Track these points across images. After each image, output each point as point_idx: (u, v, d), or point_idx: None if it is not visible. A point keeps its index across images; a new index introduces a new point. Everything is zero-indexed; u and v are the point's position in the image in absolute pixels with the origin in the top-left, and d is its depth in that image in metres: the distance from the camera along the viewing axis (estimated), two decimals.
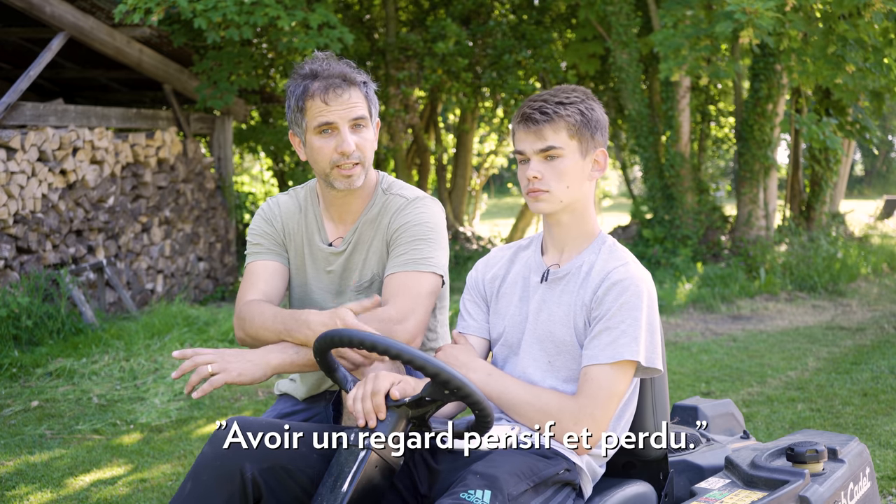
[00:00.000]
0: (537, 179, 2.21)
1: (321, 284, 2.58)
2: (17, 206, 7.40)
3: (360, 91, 2.44)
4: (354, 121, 2.42)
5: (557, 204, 2.24)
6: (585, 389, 2.15)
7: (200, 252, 10.15)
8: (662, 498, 2.38)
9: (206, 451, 2.05)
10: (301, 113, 2.43)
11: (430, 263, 2.44)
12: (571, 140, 2.23)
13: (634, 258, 2.28)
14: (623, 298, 2.17)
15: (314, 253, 2.57)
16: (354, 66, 2.48)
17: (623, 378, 2.16)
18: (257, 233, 2.60)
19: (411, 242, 2.45)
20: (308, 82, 2.42)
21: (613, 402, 2.16)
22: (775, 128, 10.78)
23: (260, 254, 2.58)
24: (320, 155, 2.43)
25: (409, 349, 1.99)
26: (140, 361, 6.39)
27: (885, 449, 4.36)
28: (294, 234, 2.59)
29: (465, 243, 14.20)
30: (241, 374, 2.25)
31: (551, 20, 13.50)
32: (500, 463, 2.02)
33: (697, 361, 6.56)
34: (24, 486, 4.20)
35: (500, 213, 27.09)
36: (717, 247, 10.99)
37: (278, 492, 2.05)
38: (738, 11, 7.86)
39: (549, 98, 2.24)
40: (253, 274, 2.55)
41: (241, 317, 2.44)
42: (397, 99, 12.18)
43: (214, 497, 2.00)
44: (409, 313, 2.36)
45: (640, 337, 2.15)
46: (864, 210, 20.29)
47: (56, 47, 8.21)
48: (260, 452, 2.04)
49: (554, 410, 2.15)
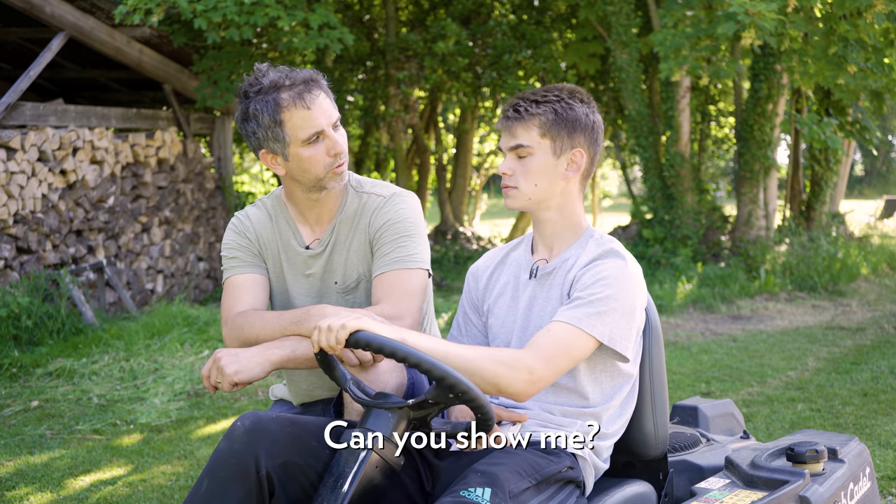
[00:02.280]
0: (508, 175, 2.26)
1: (301, 290, 2.55)
2: (17, 206, 7.40)
3: (326, 92, 2.42)
4: (335, 123, 2.42)
5: (525, 201, 2.26)
6: (543, 340, 2.11)
7: (200, 252, 10.15)
8: (662, 498, 2.38)
9: (223, 448, 2.02)
10: (280, 127, 2.35)
11: (417, 259, 2.44)
12: (543, 139, 2.23)
13: (622, 247, 2.28)
14: (600, 276, 2.16)
15: (291, 258, 2.54)
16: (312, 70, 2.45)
17: (579, 344, 2.11)
18: (232, 247, 2.54)
19: (396, 240, 2.44)
20: (275, 95, 2.34)
21: (560, 360, 2.10)
22: (775, 128, 10.78)
23: (238, 267, 2.52)
24: (312, 164, 2.39)
25: (416, 352, 1.96)
26: (140, 361, 6.39)
27: (885, 449, 4.35)
28: (269, 243, 2.55)
29: (465, 243, 14.20)
30: (237, 372, 2.21)
31: (551, 20, 13.51)
32: (501, 461, 2.02)
33: (697, 361, 6.56)
34: (24, 486, 4.20)
35: (500, 213, 27.09)
36: (717, 247, 10.99)
37: (289, 488, 2.04)
38: (740, 13, 7.85)
39: (528, 96, 2.25)
40: (235, 288, 2.49)
41: (237, 326, 2.38)
42: (397, 99, 12.18)
43: (232, 495, 1.98)
44: (405, 312, 2.36)
45: (606, 315, 2.13)
46: (864, 210, 20.30)
47: (56, 47, 8.21)
48: (276, 449, 2.02)
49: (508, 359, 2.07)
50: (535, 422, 2.21)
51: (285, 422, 2.09)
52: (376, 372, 2.22)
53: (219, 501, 1.99)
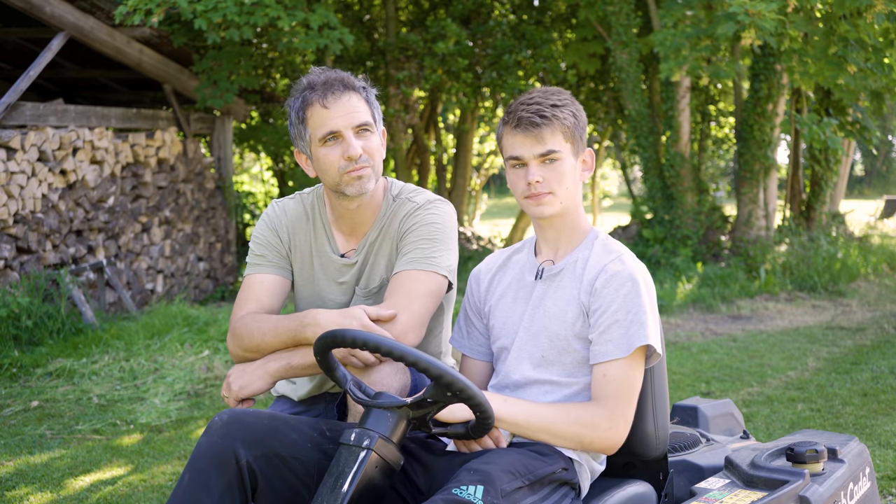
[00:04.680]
0: (539, 183, 2.21)
1: (334, 294, 2.53)
2: (17, 206, 7.40)
3: (360, 95, 2.38)
4: (359, 127, 2.36)
5: (559, 206, 2.25)
6: (609, 389, 2.15)
7: (200, 252, 10.15)
8: (662, 498, 2.38)
9: (202, 442, 2.06)
10: (303, 124, 2.38)
11: (434, 263, 2.39)
12: (566, 143, 2.24)
13: (627, 250, 2.30)
14: (624, 290, 2.18)
15: (325, 264, 2.52)
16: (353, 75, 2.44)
17: (639, 368, 2.18)
18: (261, 243, 2.52)
19: (416, 242, 2.41)
20: (306, 93, 2.37)
21: (636, 395, 2.18)
22: (775, 128, 10.78)
23: (262, 266, 2.51)
24: (327, 164, 2.36)
25: (412, 351, 1.97)
26: (140, 361, 6.39)
27: (885, 449, 4.35)
28: (301, 245, 2.52)
29: (465, 243, 14.20)
30: (241, 387, 2.31)
31: (551, 20, 13.51)
32: (494, 460, 2.03)
33: (697, 361, 6.56)
34: (24, 486, 4.20)
35: (500, 213, 27.09)
36: (717, 247, 10.99)
37: (273, 479, 2.06)
38: (740, 13, 7.85)
39: (542, 101, 2.23)
40: (251, 287, 2.49)
41: (237, 333, 2.39)
42: (397, 99, 12.18)
43: (213, 484, 2.00)
44: (400, 309, 2.32)
45: (648, 322, 2.17)
46: (864, 210, 20.29)
47: (56, 47, 8.21)
48: (253, 440, 2.05)
49: (587, 419, 2.15)
50: None
51: (263, 416, 2.12)
52: (379, 374, 2.22)
53: (201, 492, 2.00)
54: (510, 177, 2.29)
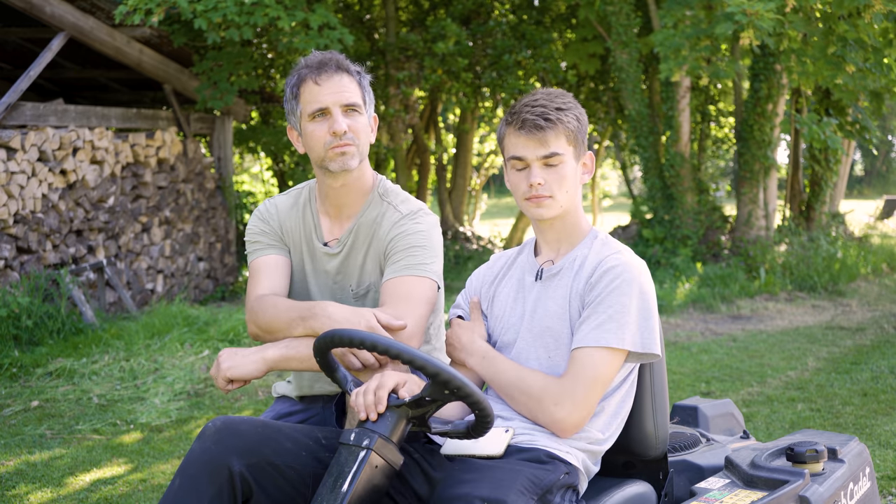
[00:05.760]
0: (540, 185, 2.22)
1: (319, 283, 2.57)
2: (17, 206, 7.40)
3: (352, 77, 2.45)
4: (347, 106, 2.41)
5: (558, 209, 2.26)
6: (570, 370, 2.17)
7: (200, 252, 10.15)
8: (662, 498, 2.38)
9: (194, 448, 2.06)
10: (296, 100, 2.45)
11: (427, 269, 2.43)
12: (569, 146, 2.25)
13: (628, 248, 2.31)
14: (614, 284, 2.18)
15: (312, 252, 2.57)
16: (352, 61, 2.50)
17: (609, 363, 2.16)
18: (254, 231, 2.59)
19: (407, 249, 2.44)
20: (302, 70, 2.45)
21: (597, 386, 2.16)
22: (775, 128, 10.78)
23: (261, 250, 2.57)
24: (314, 139, 2.43)
25: (410, 349, 1.98)
26: (140, 361, 6.39)
27: (885, 449, 4.36)
28: (292, 232, 2.58)
29: (465, 243, 14.20)
30: (230, 367, 2.28)
31: (551, 20, 13.51)
32: (502, 482, 1.96)
33: (697, 361, 6.56)
34: (24, 486, 4.20)
35: (500, 213, 27.10)
36: (717, 247, 10.99)
37: (268, 488, 2.06)
38: (738, 13, 7.85)
39: (547, 103, 2.23)
40: (257, 270, 2.54)
41: (253, 311, 2.43)
42: (397, 99, 12.18)
43: (203, 491, 2.01)
44: (405, 315, 2.34)
45: (629, 323, 2.16)
46: (864, 210, 20.30)
47: (56, 47, 8.21)
48: (246, 448, 2.05)
49: (537, 390, 2.18)
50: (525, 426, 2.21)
51: (257, 424, 2.12)
52: None
53: (191, 498, 2.01)
54: (511, 177, 2.29)
